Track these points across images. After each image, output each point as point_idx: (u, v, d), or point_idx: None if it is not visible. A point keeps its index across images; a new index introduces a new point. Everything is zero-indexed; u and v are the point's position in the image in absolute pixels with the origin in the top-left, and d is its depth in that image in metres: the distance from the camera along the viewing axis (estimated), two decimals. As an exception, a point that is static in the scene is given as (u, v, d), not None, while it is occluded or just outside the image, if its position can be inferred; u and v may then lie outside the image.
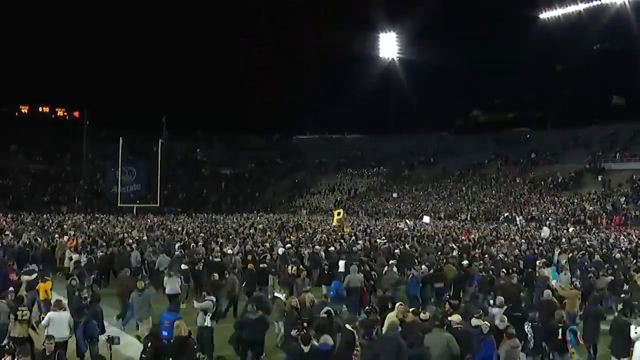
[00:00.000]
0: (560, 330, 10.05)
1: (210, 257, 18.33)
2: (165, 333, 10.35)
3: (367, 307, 11.24)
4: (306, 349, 8.68)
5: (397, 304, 11.02)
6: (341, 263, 17.70)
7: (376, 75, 75.33)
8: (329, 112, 77.22)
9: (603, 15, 55.88)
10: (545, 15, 60.09)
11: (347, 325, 9.77)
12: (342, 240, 24.70)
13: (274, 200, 67.29)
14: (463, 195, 54.88)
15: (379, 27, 73.78)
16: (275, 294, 13.24)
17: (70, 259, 18.92)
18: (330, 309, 10.94)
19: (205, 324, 11.14)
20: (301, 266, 17.34)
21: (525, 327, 10.32)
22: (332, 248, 21.54)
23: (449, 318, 9.94)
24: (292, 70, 76.28)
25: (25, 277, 14.10)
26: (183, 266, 16.62)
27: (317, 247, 21.70)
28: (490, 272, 16.15)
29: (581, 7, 57.13)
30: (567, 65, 69.32)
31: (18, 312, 10.53)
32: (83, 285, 13.49)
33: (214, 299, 11.53)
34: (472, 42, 68.30)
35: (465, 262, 17.60)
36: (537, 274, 16.11)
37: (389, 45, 75.12)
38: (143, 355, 9.42)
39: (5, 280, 14.72)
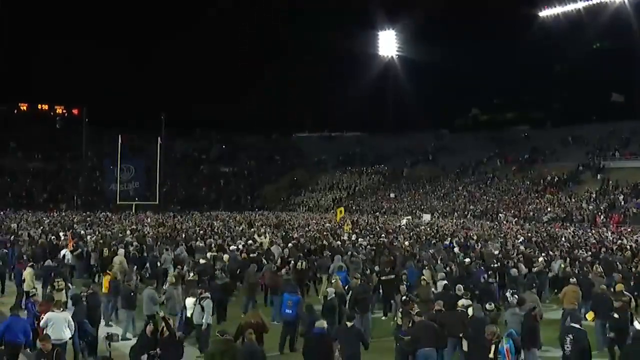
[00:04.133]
0: (492, 347, 8.46)
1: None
2: (288, 311, 11.16)
3: (403, 297, 11.68)
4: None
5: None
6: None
7: (375, 73, 75.25)
8: (328, 110, 77.31)
9: (603, 14, 55.83)
10: (545, 13, 60.04)
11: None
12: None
13: (272, 199, 67.23)
14: (461, 194, 54.86)
15: (379, 25, 73.76)
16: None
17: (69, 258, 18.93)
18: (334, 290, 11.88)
19: (203, 320, 11.14)
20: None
21: (507, 293, 12.33)
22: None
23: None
24: (291, 68, 76.27)
25: None
26: (202, 260, 16.72)
27: (337, 242, 22.46)
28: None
29: (581, 5, 57.08)
30: (566, 64, 69.35)
31: (55, 283, 12.10)
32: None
33: (209, 296, 11.59)
34: (471, 40, 68.34)
35: (467, 259, 17.59)
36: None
37: (388, 43, 75.02)
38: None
39: (19, 274, 15.16)
